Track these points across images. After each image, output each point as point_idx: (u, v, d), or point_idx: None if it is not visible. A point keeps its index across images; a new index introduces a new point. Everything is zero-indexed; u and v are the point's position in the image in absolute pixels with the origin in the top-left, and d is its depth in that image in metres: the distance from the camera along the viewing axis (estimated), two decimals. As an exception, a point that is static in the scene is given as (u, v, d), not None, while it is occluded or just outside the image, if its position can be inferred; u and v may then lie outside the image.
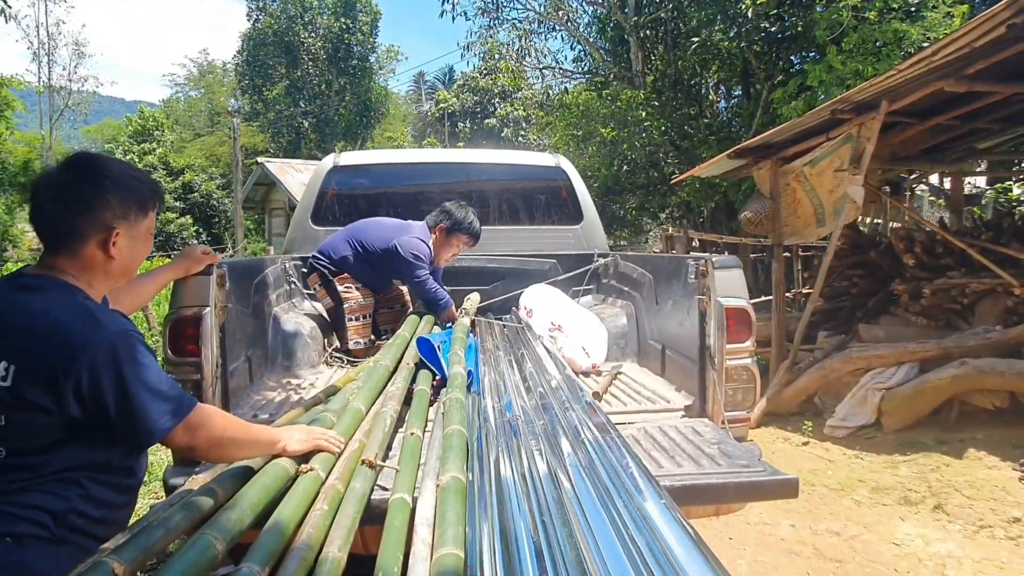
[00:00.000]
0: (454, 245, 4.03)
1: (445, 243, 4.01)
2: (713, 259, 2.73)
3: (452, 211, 3.97)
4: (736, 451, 2.28)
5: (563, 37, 16.63)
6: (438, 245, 4.00)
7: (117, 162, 1.74)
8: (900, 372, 5.47)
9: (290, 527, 1.61)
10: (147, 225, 1.72)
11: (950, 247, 6.40)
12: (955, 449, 4.88)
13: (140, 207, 1.68)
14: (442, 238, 3.99)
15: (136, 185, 1.69)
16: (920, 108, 5.69)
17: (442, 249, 4.02)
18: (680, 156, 12.36)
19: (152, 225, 1.75)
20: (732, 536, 3.94)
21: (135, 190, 1.68)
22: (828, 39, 8.78)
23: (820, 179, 6.22)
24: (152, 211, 1.73)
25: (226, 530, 1.54)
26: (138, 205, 1.67)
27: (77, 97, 27.74)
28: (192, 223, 29.06)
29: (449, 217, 3.96)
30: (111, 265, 1.65)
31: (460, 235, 3.99)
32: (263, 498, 1.71)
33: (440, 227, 3.98)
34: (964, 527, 3.89)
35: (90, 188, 1.61)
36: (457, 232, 3.98)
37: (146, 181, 1.74)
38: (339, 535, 1.64)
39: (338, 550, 1.58)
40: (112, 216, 1.62)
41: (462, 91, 31.93)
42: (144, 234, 1.72)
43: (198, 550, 1.44)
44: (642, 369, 3.58)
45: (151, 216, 1.73)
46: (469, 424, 2.24)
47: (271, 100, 30.05)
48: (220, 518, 1.57)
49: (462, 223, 3.96)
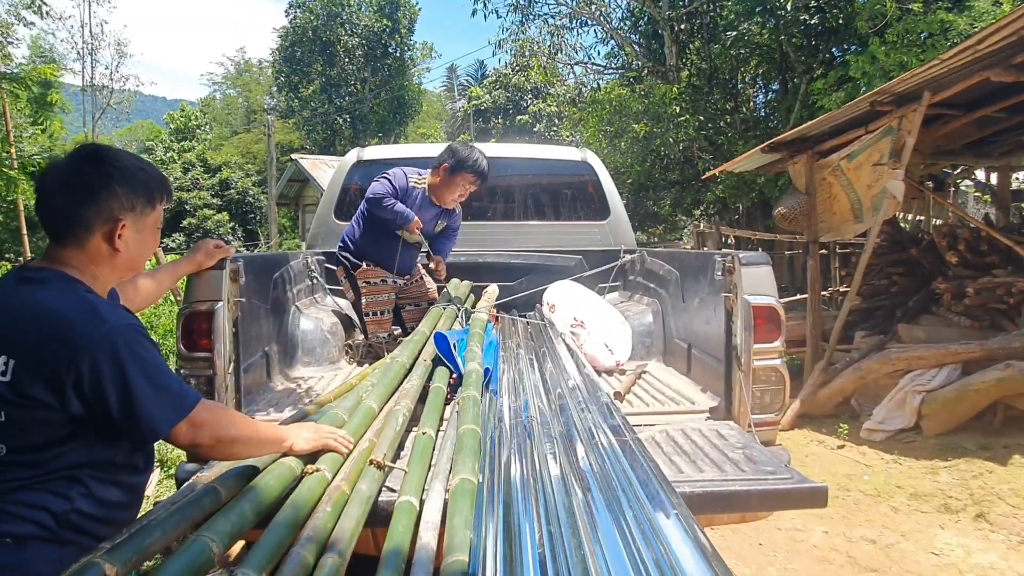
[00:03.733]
0: (459, 184, 3.79)
1: (450, 182, 3.78)
2: (741, 255, 2.62)
3: (457, 149, 3.78)
4: (762, 456, 2.18)
5: (596, 32, 16.48)
6: (442, 185, 3.80)
7: (126, 154, 1.71)
8: (941, 374, 5.28)
9: (291, 530, 1.57)
10: (154, 218, 1.69)
11: (995, 244, 6.16)
12: (999, 455, 4.68)
13: (147, 199, 1.66)
14: (446, 177, 3.78)
15: (144, 177, 1.66)
16: (965, 99, 5.48)
17: (446, 189, 3.80)
18: (715, 152, 12.14)
19: (159, 219, 1.72)
20: (762, 542, 3.82)
21: (143, 182, 1.65)
22: (870, 31, 8.53)
23: (858, 173, 6.03)
24: (160, 204, 1.70)
25: (224, 532, 1.49)
26: (145, 197, 1.65)
27: (119, 96, 28.31)
28: (228, 219, 29.53)
29: (453, 155, 3.75)
30: (117, 258, 1.62)
31: (465, 174, 3.76)
32: (266, 499, 1.67)
33: (444, 166, 3.77)
34: (1008, 537, 3.72)
35: (97, 178, 1.58)
36: (462, 171, 3.75)
37: (154, 174, 1.71)
38: (341, 539, 1.59)
39: (338, 555, 1.53)
40: (119, 207, 1.59)
41: (494, 87, 31.88)
42: (151, 227, 1.69)
43: (193, 553, 1.40)
44: (667, 368, 3.48)
45: (159, 209, 1.70)
46: (484, 424, 2.18)
47: (307, 97, 30.34)
48: (219, 519, 1.53)
49: (466, 161, 3.73)
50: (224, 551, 1.48)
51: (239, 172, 31.03)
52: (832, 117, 6.05)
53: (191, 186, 29.56)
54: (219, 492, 1.69)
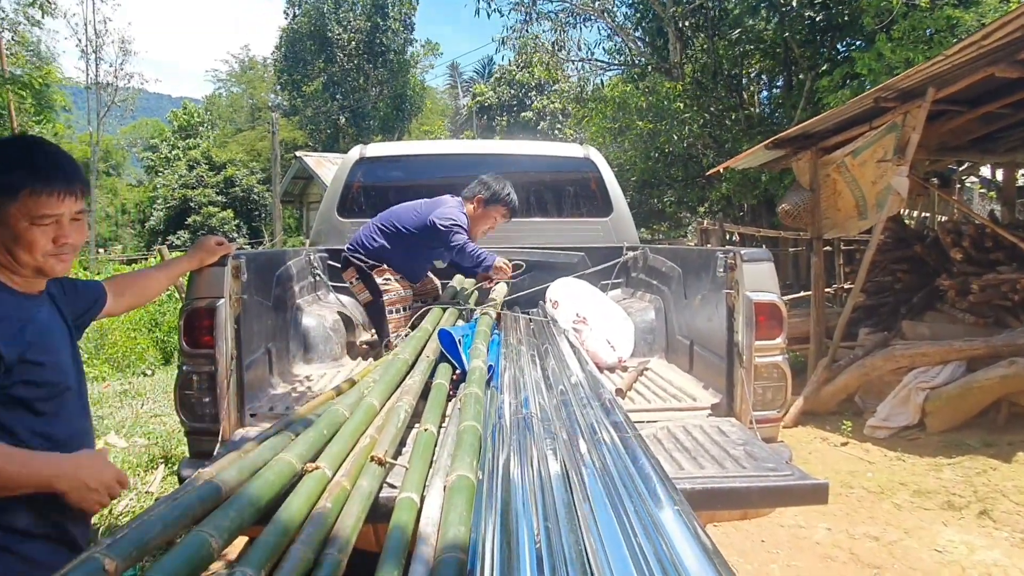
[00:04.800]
0: (491, 217, 3.92)
1: (483, 215, 3.90)
2: (742, 252, 2.62)
3: (490, 183, 3.87)
4: (763, 453, 2.18)
5: (600, 29, 16.43)
6: (475, 217, 3.90)
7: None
8: (945, 371, 5.26)
9: (291, 527, 1.57)
10: (18, 211, 1.42)
11: (1000, 241, 6.13)
12: (1003, 452, 4.66)
13: (4, 188, 1.39)
14: (479, 210, 3.88)
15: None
16: (970, 95, 5.46)
17: (479, 222, 3.92)
18: (719, 149, 12.10)
19: (37, 212, 1.44)
20: (765, 539, 3.82)
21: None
22: (876, 27, 8.48)
23: (862, 170, 6.00)
24: (31, 196, 1.41)
25: (223, 527, 1.50)
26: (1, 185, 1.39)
27: (123, 93, 28.39)
28: (233, 217, 29.59)
29: (487, 188, 3.86)
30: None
31: (498, 207, 3.89)
32: (265, 495, 1.67)
33: (478, 198, 3.87)
34: (1012, 535, 3.71)
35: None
36: (495, 204, 3.88)
37: (15, 151, 1.44)
38: (341, 535, 1.59)
39: (339, 551, 1.54)
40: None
41: (499, 85, 31.86)
42: (16, 221, 1.42)
43: (192, 547, 1.40)
44: (670, 365, 3.47)
45: (28, 202, 1.42)
46: (485, 421, 2.18)
47: (309, 95, 30.38)
48: (218, 515, 1.53)
49: (499, 194, 3.86)
50: (223, 546, 1.48)
51: (244, 170, 31.09)
52: (836, 113, 6.03)
53: (196, 183, 29.60)
54: (220, 488, 1.69)
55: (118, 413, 6.02)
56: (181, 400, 2.44)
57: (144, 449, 4.91)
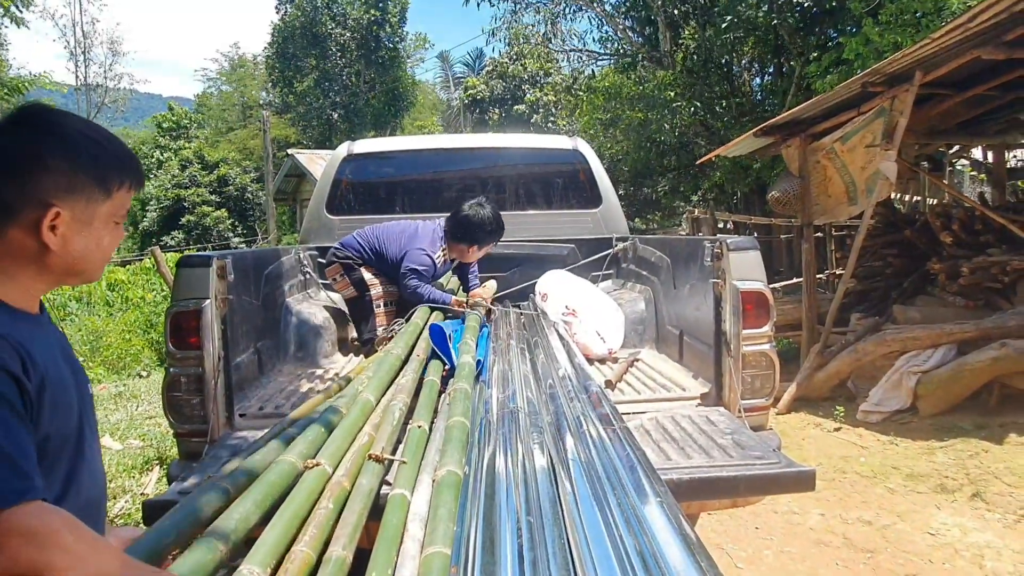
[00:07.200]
0: (483, 250, 4.02)
1: (473, 252, 3.99)
2: (729, 240, 2.62)
3: (469, 224, 3.87)
4: (750, 442, 2.19)
5: (590, 18, 16.35)
6: (464, 254, 4.00)
7: (76, 118, 1.30)
8: (937, 355, 5.28)
9: (293, 527, 1.56)
10: (109, 209, 1.27)
11: (990, 223, 6.14)
12: (995, 434, 4.69)
13: (99, 182, 1.23)
14: (470, 250, 3.97)
15: (95, 151, 1.24)
16: (957, 78, 5.45)
17: (470, 255, 4.02)
18: (711, 137, 12.09)
19: (119, 211, 1.29)
20: (759, 525, 3.84)
21: (93, 157, 1.23)
22: (864, 11, 8.46)
23: (851, 155, 6.00)
24: (119, 191, 1.27)
25: (226, 534, 1.47)
26: (96, 179, 1.23)
27: (113, 95, 28.25)
28: (227, 216, 29.45)
29: (468, 233, 3.89)
30: (49, 257, 1.21)
31: (487, 242, 3.97)
32: (269, 496, 1.66)
33: (472, 248, 3.96)
34: (1004, 516, 3.73)
35: (25, 146, 1.19)
36: (488, 240, 3.97)
37: (113, 149, 1.28)
38: (344, 533, 1.59)
39: (343, 548, 1.53)
40: (53, 189, 1.19)
41: (491, 78, 31.71)
42: (104, 220, 1.26)
43: (200, 554, 1.39)
44: (660, 355, 3.48)
45: (118, 198, 1.27)
46: (473, 415, 2.18)
47: (301, 92, 30.22)
48: (222, 522, 1.51)
49: (483, 227, 3.89)
50: (230, 551, 1.46)
51: (237, 168, 30.93)
52: (824, 99, 6.02)
53: (189, 183, 29.46)
54: (228, 491, 1.68)
55: (113, 415, 6.02)
56: (169, 402, 2.45)
57: (139, 451, 4.91)
